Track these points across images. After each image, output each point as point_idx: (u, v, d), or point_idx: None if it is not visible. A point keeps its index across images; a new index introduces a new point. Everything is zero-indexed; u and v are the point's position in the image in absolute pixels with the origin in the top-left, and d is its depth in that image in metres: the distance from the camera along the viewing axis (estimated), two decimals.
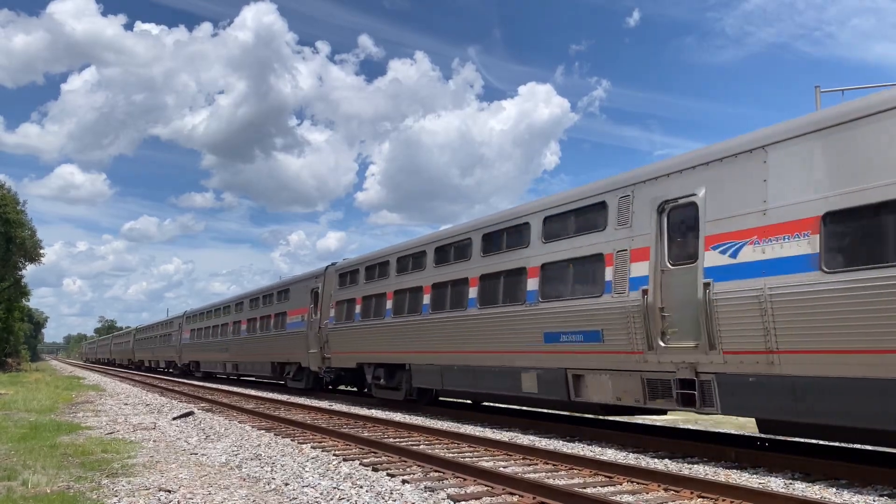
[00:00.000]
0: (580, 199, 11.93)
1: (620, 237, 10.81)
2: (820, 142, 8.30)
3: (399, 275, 17.74)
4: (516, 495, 7.40)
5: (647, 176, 10.68)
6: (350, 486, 7.98)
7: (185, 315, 44.69)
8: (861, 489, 7.78)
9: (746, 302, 8.75)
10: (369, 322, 18.93)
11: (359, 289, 19.94)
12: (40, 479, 8.01)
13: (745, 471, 8.95)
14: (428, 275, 16.25)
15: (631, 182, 10.89)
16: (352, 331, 19.95)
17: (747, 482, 8.06)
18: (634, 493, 7.67)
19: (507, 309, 13.17)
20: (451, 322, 15.00)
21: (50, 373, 49.79)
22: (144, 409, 18.90)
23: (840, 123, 8.14)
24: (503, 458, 9.99)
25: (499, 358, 13.44)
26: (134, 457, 10.04)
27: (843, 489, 7.80)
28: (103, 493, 7.49)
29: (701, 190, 9.66)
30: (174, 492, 7.57)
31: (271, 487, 7.97)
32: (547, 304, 12.12)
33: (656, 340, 10.05)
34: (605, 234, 11.13)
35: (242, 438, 12.36)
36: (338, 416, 16.01)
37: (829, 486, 7.94)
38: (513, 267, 13.23)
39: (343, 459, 9.85)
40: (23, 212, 48.94)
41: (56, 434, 12.50)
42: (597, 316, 11.01)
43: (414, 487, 7.89)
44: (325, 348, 21.80)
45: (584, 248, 11.50)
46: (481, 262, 14.31)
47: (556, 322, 11.88)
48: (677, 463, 9.63)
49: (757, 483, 8.07)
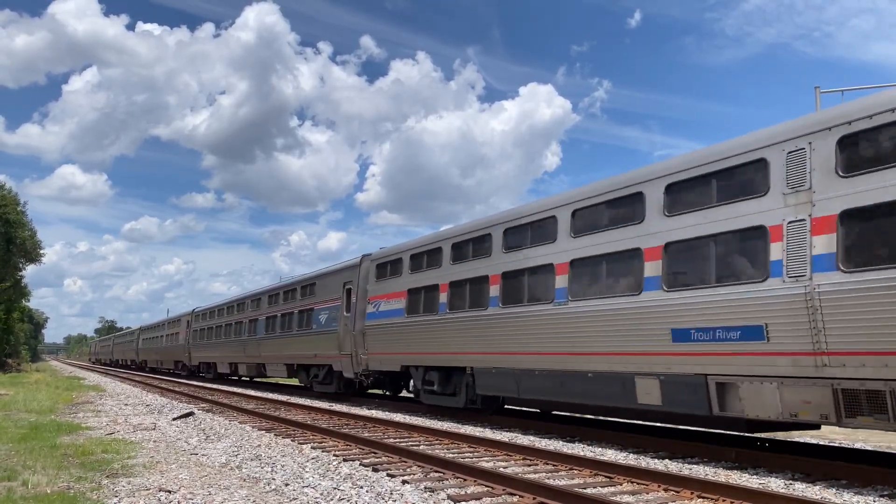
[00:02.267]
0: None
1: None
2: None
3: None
4: (516, 496, 7.40)
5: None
6: (350, 486, 7.98)
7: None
8: (861, 489, 7.79)
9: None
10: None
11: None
12: (40, 480, 8.01)
13: (745, 471, 8.95)
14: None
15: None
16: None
17: (747, 482, 8.06)
18: (634, 493, 7.68)
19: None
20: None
21: (50, 373, 49.77)
22: (145, 409, 18.89)
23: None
24: (503, 458, 9.99)
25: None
26: (134, 457, 10.04)
27: (843, 489, 7.80)
28: (103, 493, 7.49)
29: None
30: (174, 492, 7.57)
31: (271, 488, 7.97)
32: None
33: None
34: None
35: (242, 439, 12.36)
36: (338, 417, 16.01)
37: (829, 486, 7.94)
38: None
39: (343, 460, 9.85)
40: (23, 212, 48.99)
41: (56, 434, 12.50)
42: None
43: (414, 488, 7.89)
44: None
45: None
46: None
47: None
48: (677, 463, 9.63)
49: (757, 483, 8.08)
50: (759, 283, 8.74)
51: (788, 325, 8.34)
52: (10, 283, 52.84)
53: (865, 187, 7.79)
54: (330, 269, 23.34)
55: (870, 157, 7.87)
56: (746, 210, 9.02)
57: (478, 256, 14.56)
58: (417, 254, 17.04)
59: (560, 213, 12.23)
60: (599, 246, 11.26)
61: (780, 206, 8.63)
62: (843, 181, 8.02)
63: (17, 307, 62.08)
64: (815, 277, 8.09)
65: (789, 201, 8.54)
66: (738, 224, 9.10)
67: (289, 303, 26.03)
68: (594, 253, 11.34)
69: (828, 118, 8.41)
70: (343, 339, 20.60)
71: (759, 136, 9.24)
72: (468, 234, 15.12)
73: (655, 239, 10.26)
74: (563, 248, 11.98)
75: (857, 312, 7.69)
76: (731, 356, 9.04)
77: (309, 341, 23.29)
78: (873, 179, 7.72)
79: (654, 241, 10.26)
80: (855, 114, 8.05)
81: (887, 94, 8.05)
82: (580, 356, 11.52)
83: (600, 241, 11.26)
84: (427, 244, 16.79)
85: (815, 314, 8.03)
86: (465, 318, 14.60)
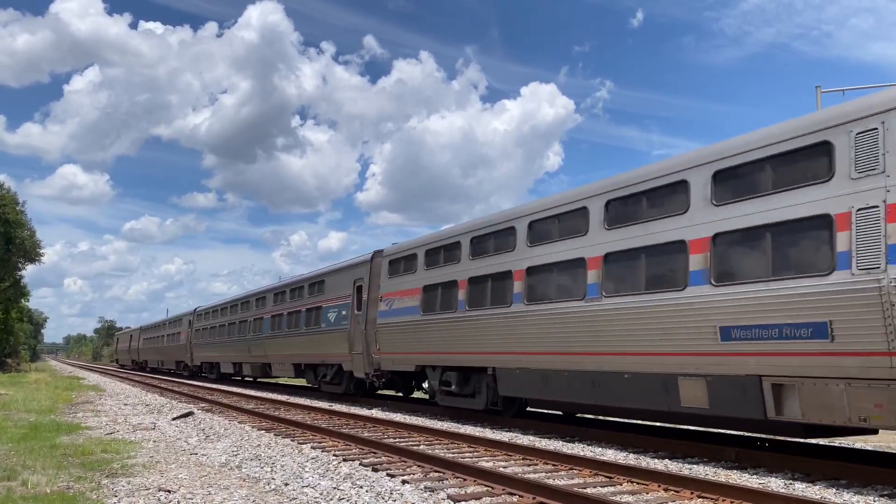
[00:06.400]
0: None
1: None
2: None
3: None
4: (516, 495, 7.40)
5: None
6: (350, 486, 7.98)
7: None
8: (861, 489, 7.79)
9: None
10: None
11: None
12: (40, 480, 8.00)
13: (745, 471, 8.95)
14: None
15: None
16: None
17: (747, 482, 8.06)
18: (634, 493, 7.68)
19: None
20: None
21: (50, 373, 49.76)
22: (144, 409, 18.89)
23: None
24: (503, 458, 9.99)
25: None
26: (134, 457, 10.04)
27: (843, 489, 7.80)
28: (103, 493, 7.49)
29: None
30: (174, 492, 7.57)
31: (271, 487, 7.97)
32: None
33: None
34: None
35: (242, 439, 12.35)
36: (338, 417, 16.01)
37: (829, 487, 7.94)
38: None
39: (343, 459, 9.85)
40: (22, 212, 49.03)
41: (56, 434, 12.49)
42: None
43: (414, 487, 7.89)
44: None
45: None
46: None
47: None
48: (677, 463, 9.63)
49: (757, 483, 8.07)
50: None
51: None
52: (10, 283, 52.87)
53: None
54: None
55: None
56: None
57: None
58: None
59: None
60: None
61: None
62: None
63: (17, 307, 62.07)
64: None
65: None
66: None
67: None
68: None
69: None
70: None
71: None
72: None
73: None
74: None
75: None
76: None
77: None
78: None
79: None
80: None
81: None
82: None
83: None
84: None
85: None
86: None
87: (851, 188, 7.92)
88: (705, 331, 9.38)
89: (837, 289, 7.86)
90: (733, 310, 9.04)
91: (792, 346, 8.33)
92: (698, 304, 9.50)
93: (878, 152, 7.74)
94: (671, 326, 9.89)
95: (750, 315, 8.80)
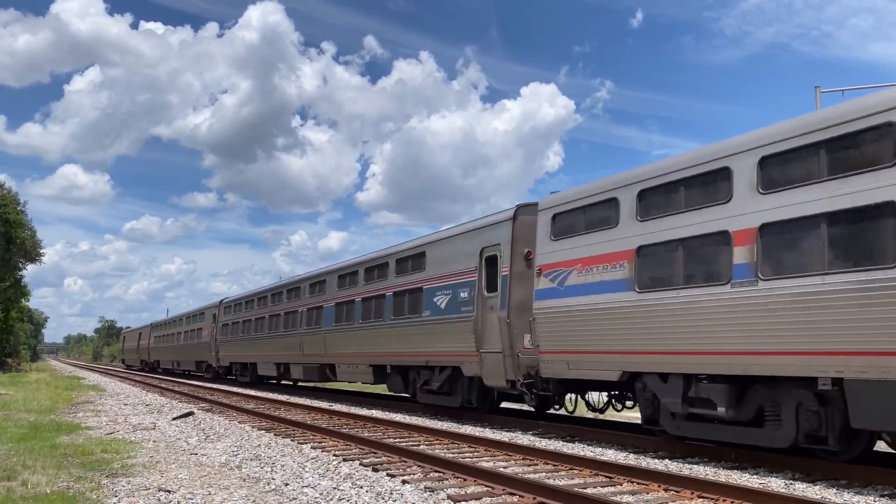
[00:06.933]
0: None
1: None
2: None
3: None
4: (516, 495, 7.40)
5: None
6: (350, 486, 7.99)
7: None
8: (861, 489, 7.79)
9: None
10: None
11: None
12: (40, 480, 8.01)
13: (745, 471, 8.95)
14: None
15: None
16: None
17: (747, 482, 8.06)
18: (634, 493, 7.68)
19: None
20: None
21: (50, 373, 49.79)
22: (144, 409, 18.90)
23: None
24: (503, 458, 9.99)
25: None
26: (134, 457, 10.04)
27: (843, 489, 7.80)
28: (103, 493, 7.50)
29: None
30: (174, 492, 7.58)
31: (271, 487, 7.97)
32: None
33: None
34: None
35: (242, 439, 12.36)
36: (338, 417, 16.01)
37: (829, 487, 7.94)
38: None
39: (343, 459, 9.85)
40: (23, 212, 49.06)
41: (56, 434, 12.50)
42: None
43: (414, 487, 7.89)
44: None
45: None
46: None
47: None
48: (677, 463, 9.63)
49: (757, 483, 8.07)
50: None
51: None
52: (10, 283, 52.91)
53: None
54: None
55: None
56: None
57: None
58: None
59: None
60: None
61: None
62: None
63: (17, 307, 62.11)
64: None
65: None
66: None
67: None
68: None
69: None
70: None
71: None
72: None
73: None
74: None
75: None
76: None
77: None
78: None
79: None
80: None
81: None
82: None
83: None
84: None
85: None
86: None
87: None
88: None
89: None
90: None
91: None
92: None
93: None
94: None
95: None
